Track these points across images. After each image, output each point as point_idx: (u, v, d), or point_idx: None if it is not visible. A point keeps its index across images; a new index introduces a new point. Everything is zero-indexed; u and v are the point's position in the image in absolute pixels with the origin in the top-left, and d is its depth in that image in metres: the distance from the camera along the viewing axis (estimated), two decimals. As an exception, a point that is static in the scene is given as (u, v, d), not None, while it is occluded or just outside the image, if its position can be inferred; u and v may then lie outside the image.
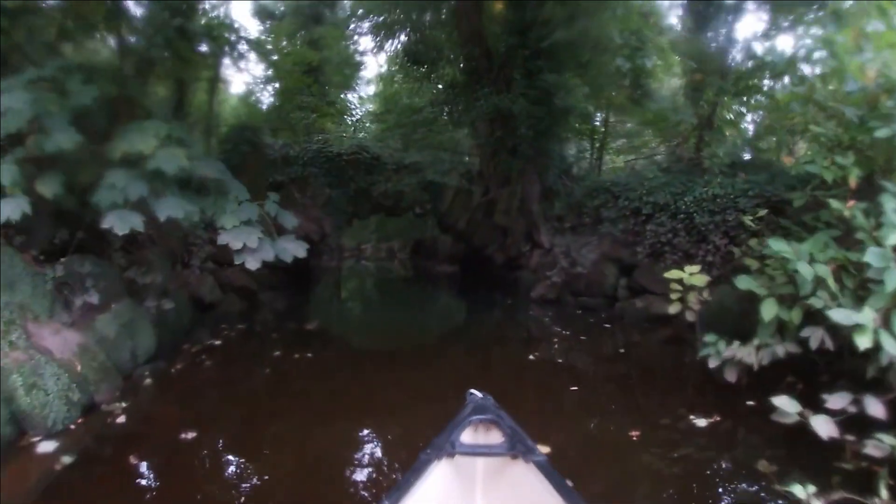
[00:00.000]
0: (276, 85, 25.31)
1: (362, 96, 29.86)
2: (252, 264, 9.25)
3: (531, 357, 11.39)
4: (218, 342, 11.30)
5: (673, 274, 9.09)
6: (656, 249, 14.83)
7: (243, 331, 12.36)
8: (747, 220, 10.27)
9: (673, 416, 7.60)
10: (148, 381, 8.80)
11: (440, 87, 23.36)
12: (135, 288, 10.27)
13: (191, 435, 6.76)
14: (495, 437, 3.91)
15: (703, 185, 14.20)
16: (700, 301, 9.20)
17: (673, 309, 9.16)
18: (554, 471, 3.41)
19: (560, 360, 11.50)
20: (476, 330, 14.86)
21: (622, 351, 12.27)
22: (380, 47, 22.57)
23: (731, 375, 7.89)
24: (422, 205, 19.91)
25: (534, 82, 18.24)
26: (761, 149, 17.54)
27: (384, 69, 27.32)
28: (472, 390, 4.57)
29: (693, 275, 8.95)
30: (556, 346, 12.56)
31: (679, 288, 9.07)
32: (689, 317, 9.13)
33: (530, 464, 3.51)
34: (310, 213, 18.66)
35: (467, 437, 3.86)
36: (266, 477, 5.92)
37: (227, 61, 21.66)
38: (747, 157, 17.55)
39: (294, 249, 9.73)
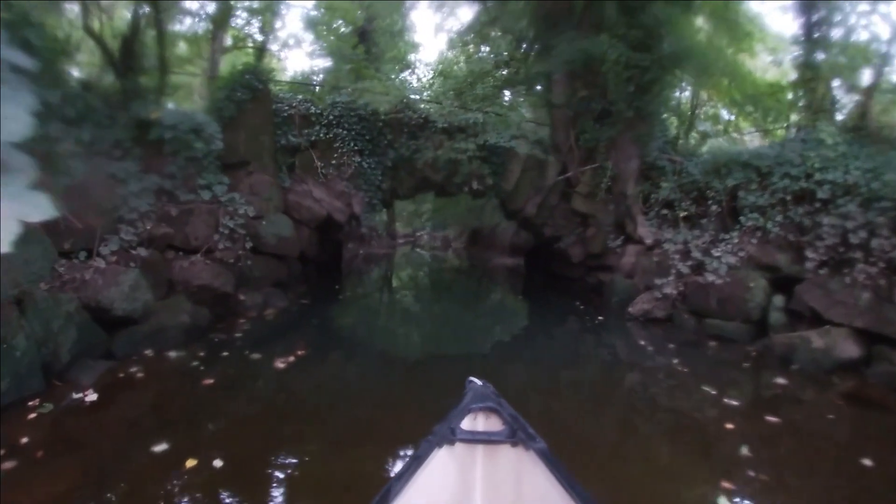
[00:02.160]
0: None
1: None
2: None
3: (637, 410, 6.61)
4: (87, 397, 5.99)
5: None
6: (838, 255, 9.07)
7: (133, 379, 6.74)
8: None
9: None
10: None
11: (507, 43, 17.94)
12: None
13: None
14: (495, 425, 3.67)
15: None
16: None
17: None
18: (554, 458, 3.20)
19: (688, 424, 6.23)
20: (546, 352, 9.32)
21: (790, 416, 6.50)
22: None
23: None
24: (481, 180, 14.49)
25: (635, 20, 12.60)
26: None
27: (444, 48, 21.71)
28: (472, 378, 4.23)
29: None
30: (677, 397, 7.27)
31: None
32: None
33: (531, 451, 3.34)
34: (333, 186, 13.45)
35: (468, 424, 3.64)
36: None
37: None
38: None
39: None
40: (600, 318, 11.74)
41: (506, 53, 18.15)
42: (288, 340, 8.64)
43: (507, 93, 17.71)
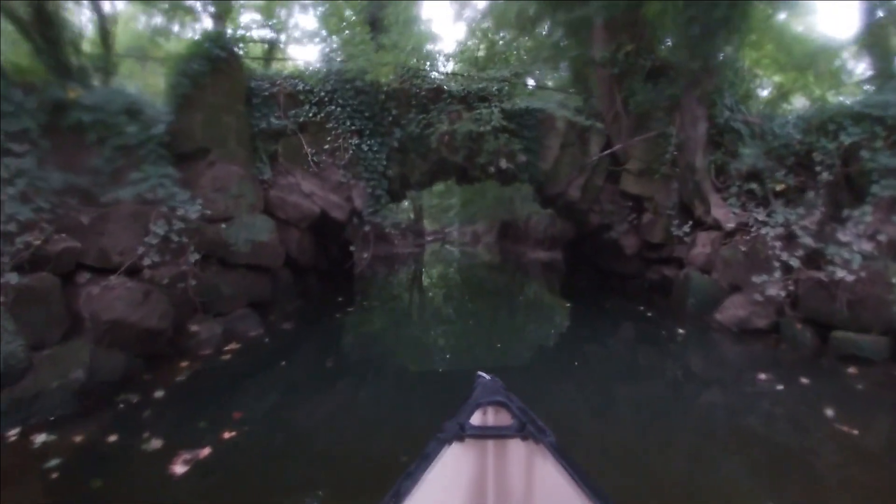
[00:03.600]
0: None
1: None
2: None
3: (747, 464, 4.34)
4: None
5: None
6: None
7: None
8: None
9: None
10: None
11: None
12: None
13: None
14: (505, 419, 3.52)
15: None
16: None
17: None
18: (565, 451, 3.04)
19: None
20: (608, 374, 6.36)
21: None
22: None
23: None
24: (510, 157, 11.18)
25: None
26: None
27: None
28: (481, 372, 4.02)
29: None
30: (798, 443, 4.74)
31: None
32: None
33: (541, 445, 3.17)
34: (327, 176, 10.45)
35: (477, 419, 3.49)
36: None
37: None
38: None
39: None
40: (680, 330, 8.50)
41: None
42: (232, 402, 5.68)
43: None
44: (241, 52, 11.98)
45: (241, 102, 9.75)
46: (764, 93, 17.91)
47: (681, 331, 8.36)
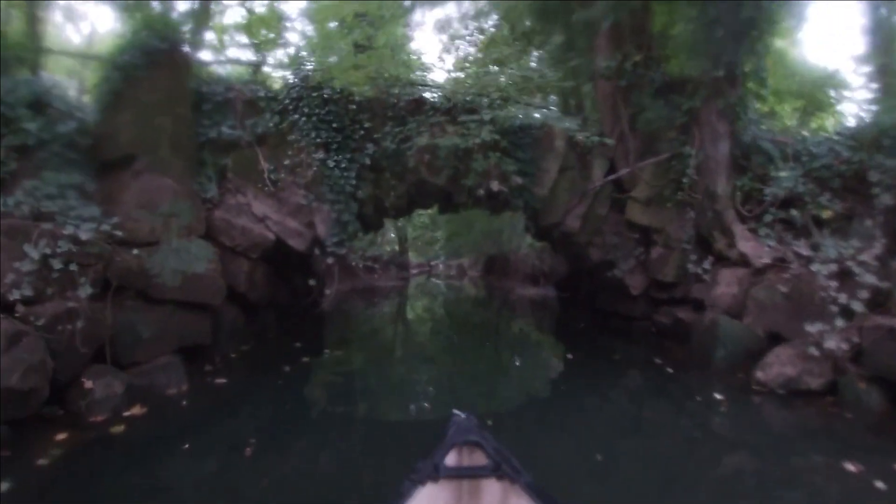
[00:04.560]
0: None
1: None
2: None
3: None
4: None
5: None
6: None
7: None
8: None
9: None
10: None
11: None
12: None
13: None
14: (480, 459, 3.37)
15: None
16: None
17: None
18: (543, 491, 2.96)
19: None
20: (624, 455, 4.65)
21: None
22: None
23: None
24: (503, 179, 9.31)
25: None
26: None
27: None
28: (456, 410, 3.89)
29: None
30: None
31: None
32: None
33: (516, 485, 3.11)
34: (286, 197, 8.67)
35: (451, 459, 3.37)
36: None
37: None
38: None
39: None
40: (717, 395, 6.55)
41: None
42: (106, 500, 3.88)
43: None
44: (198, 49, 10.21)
45: (183, 104, 7.99)
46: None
47: (718, 396, 6.50)
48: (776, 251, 7.80)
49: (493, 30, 15.44)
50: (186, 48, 8.54)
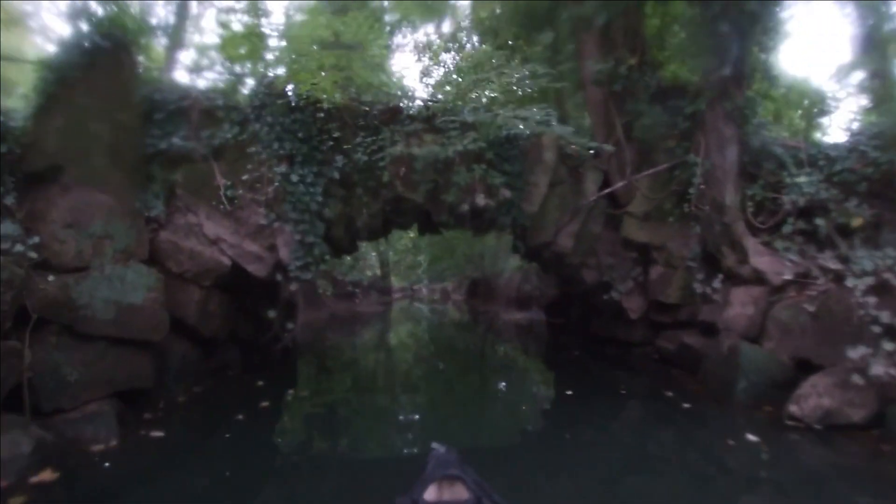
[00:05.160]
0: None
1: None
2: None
3: None
4: None
5: None
6: None
7: None
8: None
9: None
10: None
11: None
12: None
13: None
14: (461, 493, 3.17)
15: None
16: None
17: None
18: None
19: None
20: None
21: None
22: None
23: None
24: (491, 192, 8.32)
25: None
26: None
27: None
28: (435, 444, 3.91)
29: None
30: None
31: None
32: None
33: None
34: (245, 217, 7.62)
35: (431, 494, 3.17)
36: None
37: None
38: None
39: None
40: (751, 437, 5.47)
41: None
42: None
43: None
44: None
45: (126, 111, 6.94)
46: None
47: (752, 437, 5.47)
48: (798, 266, 6.90)
49: (475, 46, 14.56)
50: (134, 49, 7.49)
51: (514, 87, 10.79)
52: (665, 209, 8.82)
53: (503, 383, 9.58)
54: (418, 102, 8.78)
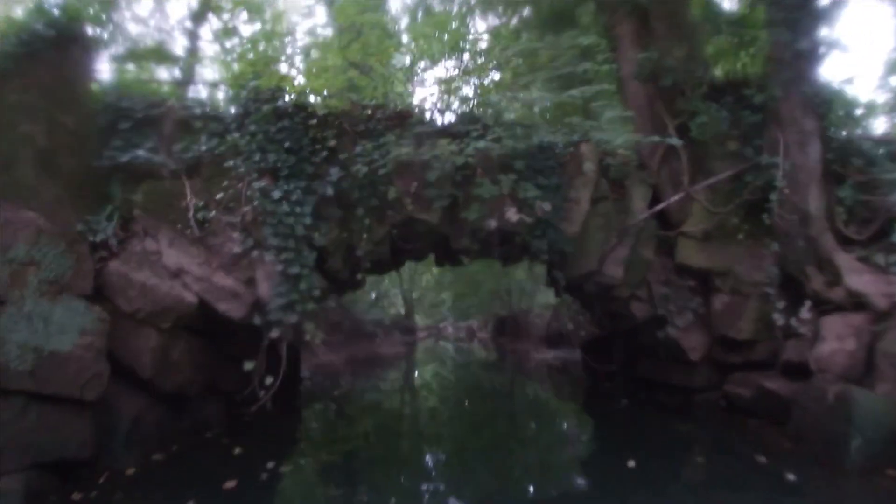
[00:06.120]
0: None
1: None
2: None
3: None
4: None
5: None
6: None
7: None
8: None
9: None
10: None
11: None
12: None
13: None
14: None
15: None
16: None
17: None
18: None
19: None
20: None
21: None
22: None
23: None
24: (525, 207, 6.68)
25: None
26: None
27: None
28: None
29: None
30: None
31: None
32: None
33: None
34: (217, 245, 6.24)
35: None
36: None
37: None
38: None
39: None
40: None
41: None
42: None
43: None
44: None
45: (70, 113, 5.77)
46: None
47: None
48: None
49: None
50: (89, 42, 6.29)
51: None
52: (730, 226, 7.28)
53: (541, 438, 7.90)
54: (432, 105, 7.45)
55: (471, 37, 12.13)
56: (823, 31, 6.45)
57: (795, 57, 6.25)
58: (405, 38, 12.15)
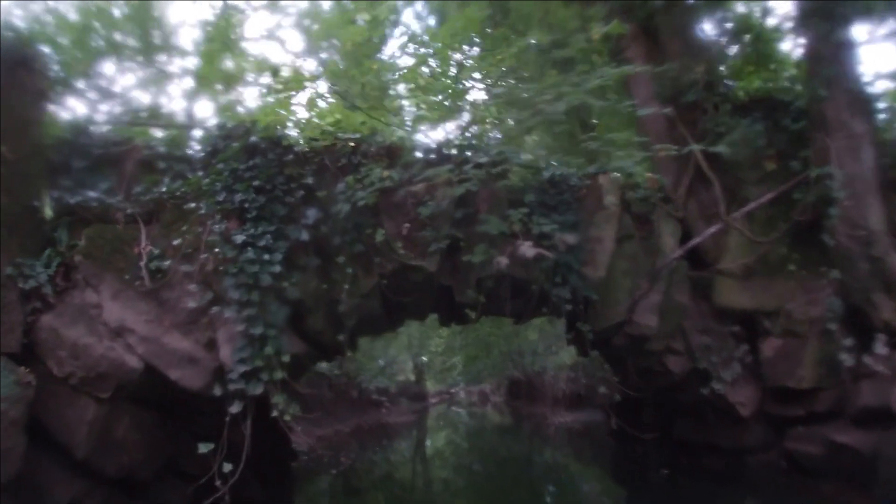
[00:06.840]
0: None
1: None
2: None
3: None
4: None
5: None
6: None
7: None
8: None
9: None
10: None
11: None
12: None
13: None
14: None
15: None
16: None
17: None
18: None
19: None
20: None
21: None
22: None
23: None
24: (544, 242, 5.72)
25: None
26: None
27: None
28: None
29: None
30: None
31: None
32: None
33: None
34: (173, 300, 5.24)
35: None
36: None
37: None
38: None
39: None
40: None
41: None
42: None
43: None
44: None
45: (11, 142, 4.82)
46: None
47: None
48: None
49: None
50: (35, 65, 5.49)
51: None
52: (776, 257, 6.28)
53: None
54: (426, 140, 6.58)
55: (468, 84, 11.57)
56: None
57: (836, 49, 5.43)
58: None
